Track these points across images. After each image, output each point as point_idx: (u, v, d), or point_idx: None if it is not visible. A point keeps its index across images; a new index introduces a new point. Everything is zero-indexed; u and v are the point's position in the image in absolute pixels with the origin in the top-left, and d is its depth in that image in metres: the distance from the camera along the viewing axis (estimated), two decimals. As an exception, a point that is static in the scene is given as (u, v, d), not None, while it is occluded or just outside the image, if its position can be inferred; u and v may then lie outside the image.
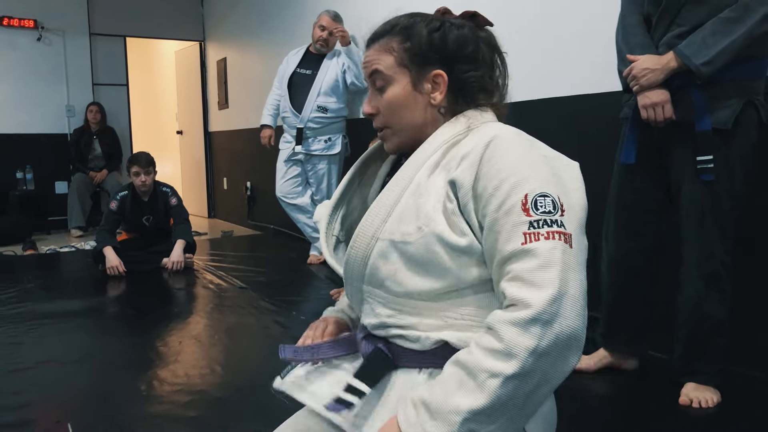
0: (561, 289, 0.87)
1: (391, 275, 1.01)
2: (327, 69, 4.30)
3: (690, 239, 2.03)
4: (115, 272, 4.16)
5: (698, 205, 1.98)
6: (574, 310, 0.88)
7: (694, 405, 2.02)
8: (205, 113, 7.62)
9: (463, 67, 1.07)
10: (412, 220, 1.00)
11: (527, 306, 0.87)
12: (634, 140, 2.08)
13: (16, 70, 6.55)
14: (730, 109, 1.90)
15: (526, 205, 0.92)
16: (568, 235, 0.91)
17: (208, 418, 2.03)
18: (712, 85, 1.90)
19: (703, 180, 1.94)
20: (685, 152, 1.98)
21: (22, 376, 2.42)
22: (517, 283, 0.89)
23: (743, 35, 1.81)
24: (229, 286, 3.88)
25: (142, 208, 4.45)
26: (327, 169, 4.39)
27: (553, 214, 0.92)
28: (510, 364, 0.86)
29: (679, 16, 1.94)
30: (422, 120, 1.09)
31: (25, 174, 6.50)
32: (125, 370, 2.50)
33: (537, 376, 0.87)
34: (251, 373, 2.49)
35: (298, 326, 3.09)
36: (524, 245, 0.90)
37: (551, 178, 0.95)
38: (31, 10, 6.55)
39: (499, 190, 0.94)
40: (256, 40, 6.29)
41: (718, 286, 2.00)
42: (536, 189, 0.93)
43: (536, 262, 0.89)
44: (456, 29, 1.08)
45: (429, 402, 0.91)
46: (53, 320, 3.17)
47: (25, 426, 2.00)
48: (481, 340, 0.90)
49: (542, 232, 0.90)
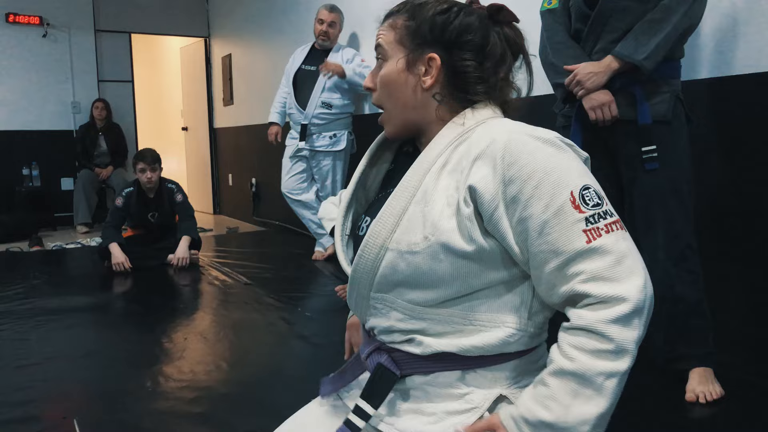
0: (645, 275, 0.89)
1: (400, 283, 1.00)
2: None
3: (653, 224, 2.10)
4: (120, 268, 4.17)
5: (658, 193, 2.08)
6: (649, 287, 0.89)
7: (700, 400, 2.02)
8: (210, 109, 7.63)
9: (461, 55, 1.03)
10: (418, 229, 0.97)
11: (623, 300, 0.87)
12: (579, 142, 2.16)
13: (22, 67, 6.57)
14: (666, 103, 2.06)
15: (575, 202, 0.90)
16: (620, 221, 0.91)
17: (213, 414, 2.04)
18: (648, 83, 2.05)
19: (648, 168, 2.06)
20: (632, 145, 2.09)
21: (28, 372, 2.43)
22: (599, 282, 0.88)
23: (671, 32, 1.97)
24: (235, 283, 3.89)
25: (147, 205, 4.46)
26: (332, 166, 4.39)
27: (601, 205, 0.91)
28: (624, 360, 0.88)
29: (608, 25, 2.09)
30: (412, 103, 1.05)
31: (31, 170, 6.52)
32: (131, 366, 2.50)
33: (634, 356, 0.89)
34: (256, 369, 2.50)
35: (303, 323, 3.09)
36: (589, 244, 0.88)
37: (581, 168, 0.94)
38: (36, 7, 6.57)
39: (540, 191, 0.90)
40: (261, 37, 6.29)
41: (687, 267, 2.08)
42: (578, 183, 0.91)
43: (610, 259, 0.88)
44: (464, 16, 1.03)
45: (551, 422, 0.89)
46: (59, 316, 3.18)
47: (32, 421, 2.01)
48: (583, 344, 0.88)
49: (601, 227, 0.89)
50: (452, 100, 1.04)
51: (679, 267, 2.08)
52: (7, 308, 3.32)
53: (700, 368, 2.08)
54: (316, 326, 3.02)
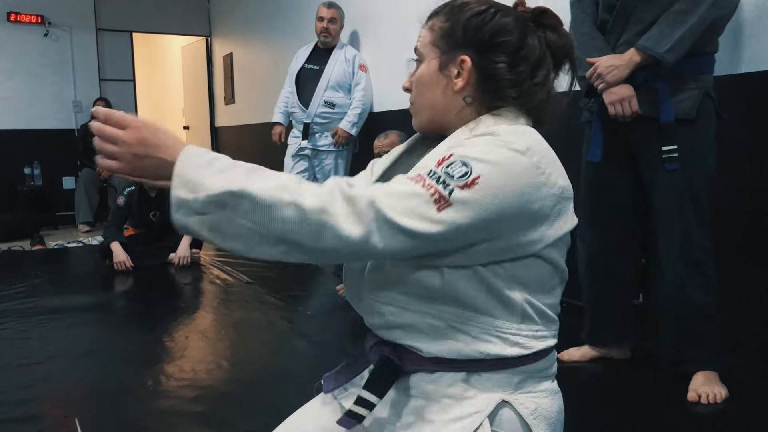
0: (390, 218, 0.85)
1: (388, 274, 1.00)
2: (335, 64, 4.30)
3: (668, 226, 2.07)
4: (122, 267, 4.17)
5: (676, 192, 2.03)
6: (387, 237, 0.86)
7: (702, 401, 2.01)
8: (211, 108, 7.63)
9: (494, 57, 1.00)
10: None
11: (353, 189, 0.86)
12: (599, 139, 2.14)
13: (23, 66, 6.57)
14: (692, 100, 1.99)
15: (441, 162, 0.90)
16: (444, 200, 0.87)
17: (214, 413, 2.04)
18: (674, 79, 1.98)
19: (668, 169, 2.01)
20: (652, 144, 2.04)
21: (30, 371, 2.43)
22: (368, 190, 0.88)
23: (697, 23, 1.91)
24: (236, 282, 3.89)
25: (149, 204, 4.46)
26: (334, 165, 4.38)
27: (452, 178, 0.88)
28: (311, 200, 0.84)
29: (633, 17, 2.04)
30: (442, 105, 1.04)
31: (33, 169, 6.53)
32: (132, 365, 2.50)
33: (307, 231, 0.84)
34: (258, 368, 2.50)
35: (304, 321, 3.09)
36: (407, 180, 0.90)
37: (494, 164, 0.89)
38: (37, 6, 6.57)
39: (439, 150, 0.96)
40: (263, 35, 6.29)
41: (699, 270, 2.04)
42: (464, 156, 0.90)
43: (394, 190, 0.88)
44: (500, 17, 1.01)
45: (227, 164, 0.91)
46: (61, 315, 3.18)
47: (33, 420, 2.01)
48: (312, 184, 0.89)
49: (427, 182, 0.88)
50: (481, 103, 1.03)
51: (691, 270, 2.04)
52: (8, 307, 3.32)
53: (704, 371, 2.06)
54: (317, 325, 3.02)
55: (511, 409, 0.98)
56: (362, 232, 0.85)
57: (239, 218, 0.84)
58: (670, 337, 2.13)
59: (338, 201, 0.85)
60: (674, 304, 2.09)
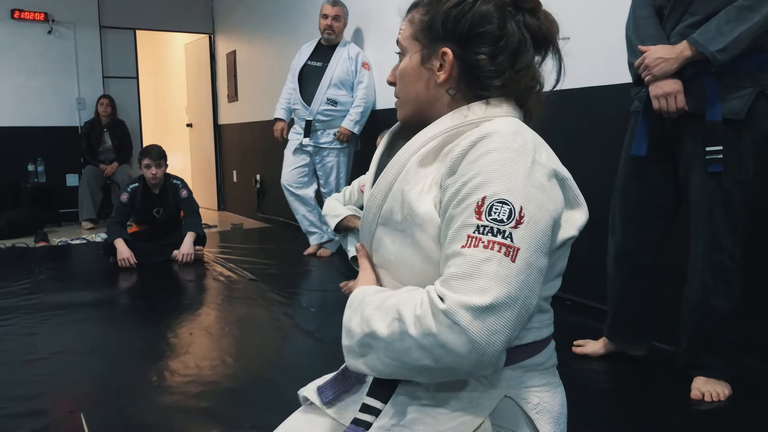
0: (486, 302, 0.82)
1: (388, 260, 1.02)
2: (338, 61, 4.30)
3: (698, 231, 2.02)
4: (126, 264, 4.19)
5: (708, 197, 1.96)
6: (495, 326, 0.83)
7: (706, 399, 2.01)
8: (214, 106, 7.63)
9: (474, 49, 0.99)
10: (399, 208, 0.99)
11: (443, 300, 0.85)
12: (645, 132, 2.05)
13: (27, 63, 6.59)
14: (743, 100, 1.87)
15: (480, 208, 0.87)
16: (513, 249, 0.85)
17: (218, 409, 2.05)
18: (726, 75, 1.88)
19: (711, 171, 1.92)
20: (696, 143, 1.96)
21: (35, 367, 2.44)
22: (444, 286, 0.86)
23: (759, 22, 1.79)
24: (239, 278, 3.90)
25: (152, 201, 4.47)
26: (336, 162, 4.39)
27: (504, 223, 0.86)
28: (413, 328, 0.86)
29: (692, 6, 1.93)
30: (426, 97, 1.04)
31: (37, 166, 6.54)
32: (137, 361, 2.52)
33: (432, 357, 0.85)
34: (261, 365, 2.51)
35: (307, 318, 3.10)
36: (462, 248, 0.86)
37: (523, 187, 0.88)
38: (41, 4, 6.58)
39: (465, 187, 0.90)
40: (266, 33, 6.29)
41: (725, 278, 1.99)
42: (498, 194, 0.87)
43: (464, 270, 0.85)
44: (479, 5, 0.99)
45: (366, 302, 0.96)
46: (65, 311, 3.20)
47: (39, 415, 2.02)
48: (418, 292, 0.90)
49: (483, 240, 0.85)
50: (465, 95, 1.02)
51: (717, 278, 1.99)
52: (13, 304, 3.34)
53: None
54: (321, 322, 3.03)
55: (514, 405, 0.99)
56: (467, 338, 0.83)
57: (384, 357, 0.92)
58: (688, 343, 2.10)
59: (433, 321, 0.85)
60: (696, 312, 2.05)
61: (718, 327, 2.03)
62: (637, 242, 2.20)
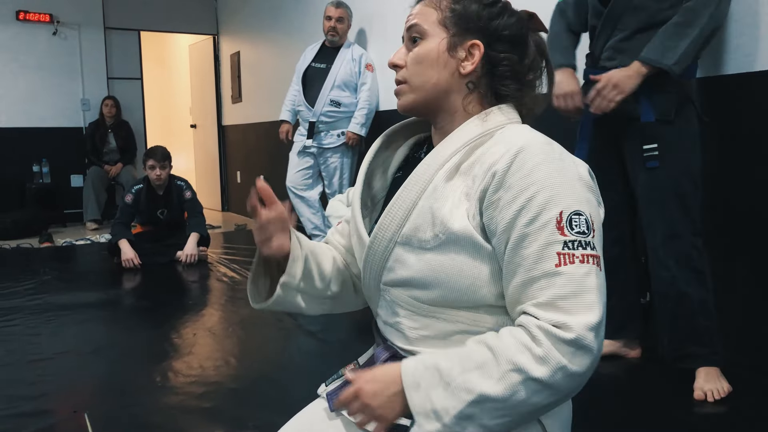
0: (600, 316, 0.86)
1: (408, 279, 0.99)
2: (341, 63, 4.31)
3: (653, 224, 2.12)
4: (130, 265, 4.20)
5: (658, 191, 2.09)
6: (602, 336, 0.87)
7: (708, 399, 2.02)
8: (218, 107, 7.65)
9: (502, 48, 1.02)
10: (428, 226, 0.96)
11: (568, 329, 0.84)
12: (584, 139, 2.22)
13: (33, 65, 6.61)
14: (670, 102, 2.06)
15: (560, 223, 0.88)
16: (598, 258, 0.89)
17: (222, 409, 2.06)
18: (653, 81, 2.04)
19: (649, 167, 2.08)
20: (635, 143, 2.11)
21: (39, 367, 2.46)
22: (553, 310, 0.86)
23: (698, 35, 1.97)
24: (243, 279, 3.91)
25: (156, 202, 4.48)
26: (339, 164, 4.39)
27: (587, 235, 0.88)
28: (539, 368, 0.84)
29: (621, 23, 2.11)
30: (445, 85, 1.03)
31: (42, 167, 6.57)
32: (141, 362, 2.53)
33: (556, 392, 0.85)
34: (265, 365, 2.52)
35: (309, 319, 3.10)
36: (558, 267, 0.86)
37: (584, 195, 0.92)
38: (47, 5, 6.61)
39: (531, 203, 0.88)
40: (270, 34, 6.31)
41: (691, 266, 2.07)
42: (571, 206, 0.89)
43: (570, 288, 0.86)
44: (509, 13, 1.04)
45: (443, 370, 0.88)
46: (70, 312, 3.21)
47: (43, 415, 2.03)
48: (516, 334, 0.87)
49: (577, 255, 0.87)
50: (483, 92, 1.03)
51: (683, 266, 2.07)
52: (18, 304, 3.35)
53: (706, 367, 2.08)
54: (323, 322, 3.04)
55: None
56: (592, 357, 0.86)
57: (492, 419, 0.86)
58: (669, 334, 2.16)
59: (560, 354, 0.85)
60: (668, 301, 2.12)
61: (694, 314, 2.08)
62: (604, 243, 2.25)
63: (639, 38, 2.07)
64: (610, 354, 2.39)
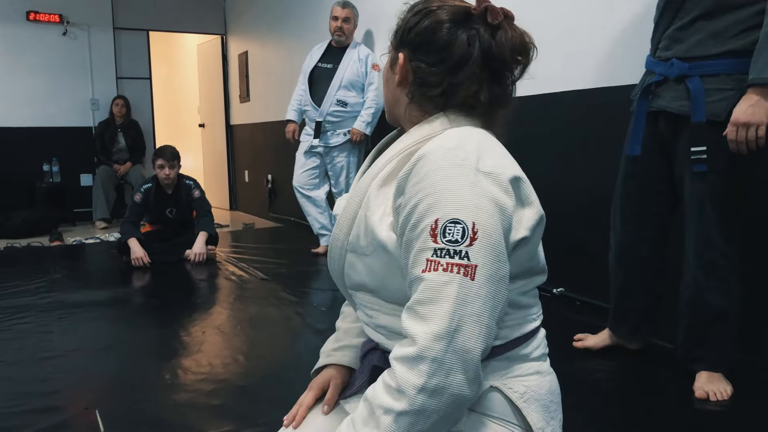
0: (450, 325, 0.85)
1: (362, 283, 1.04)
2: (348, 63, 4.32)
3: (690, 229, 2.08)
4: (139, 263, 4.23)
5: (697, 196, 2.02)
6: (467, 344, 0.85)
7: (711, 398, 2.02)
8: (226, 106, 7.68)
9: (419, 57, 1.04)
10: (363, 234, 1.01)
11: (413, 342, 0.86)
12: (639, 133, 2.12)
13: (42, 65, 6.66)
14: (726, 102, 1.91)
15: (435, 231, 0.88)
16: (471, 267, 0.87)
17: (231, 407, 2.08)
18: (711, 78, 1.93)
19: (696, 171, 1.98)
20: (685, 144, 2.02)
21: (51, 364, 2.49)
22: (409, 313, 0.89)
23: None
24: (251, 278, 3.93)
25: (165, 201, 4.51)
26: (346, 163, 4.41)
27: (459, 243, 0.87)
28: (400, 401, 0.86)
29: (682, 11, 2.00)
30: (392, 98, 1.11)
31: (51, 166, 6.61)
32: (150, 359, 2.56)
33: (432, 413, 0.86)
34: (273, 363, 2.54)
35: (318, 317, 3.13)
36: (423, 273, 0.88)
37: (474, 202, 0.89)
38: (56, 5, 6.66)
39: (416, 210, 0.91)
40: (278, 34, 6.33)
41: (717, 275, 2.03)
42: (449, 214, 0.88)
43: (427, 295, 0.87)
44: (432, 17, 1.03)
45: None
46: (80, 310, 3.24)
47: (54, 411, 2.06)
48: (384, 375, 0.91)
49: (442, 263, 0.87)
50: (420, 101, 1.06)
51: (709, 274, 2.03)
52: (29, 302, 3.39)
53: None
54: (331, 320, 3.02)
55: (501, 394, 1.00)
56: (443, 371, 0.85)
57: None
58: (684, 338, 2.14)
59: (413, 375, 0.86)
60: (689, 306, 2.10)
61: (711, 322, 2.06)
62: (637, 238, 2.27)
63: (697, 26, 1.95)
64: (612, 345, 2.42)
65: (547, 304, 3.47)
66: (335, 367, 1.21)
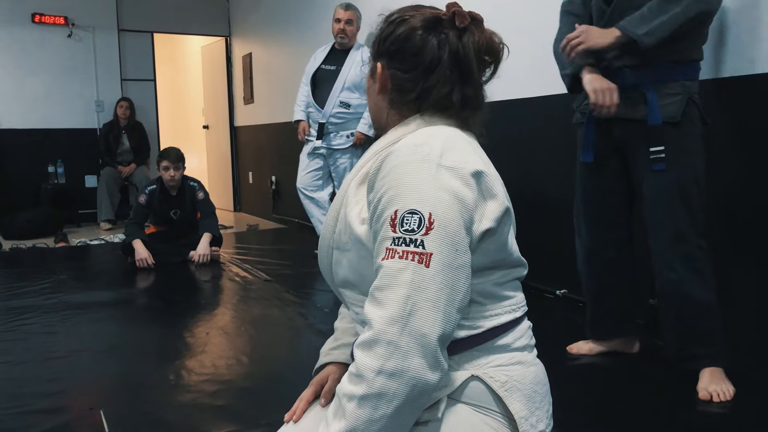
0: (403, 309, 0.88)
1: (347, 278, 1.07)
2: (351, 64, 4.33)
3: (658, 226, 2.12)
4: (144, 264, 4.25)
5: (664, 193, 2.09)
6: (423, 328, 0.88)
7: (714, 400, 2.03)
8: (230, 108, 7.70)
9: (395, 64, 1.09)
10: (344, 231, 1.05)
11: (370, 326, 0.90)
12: (591, 140, 2.23)
13: (47, 66, 6.69)
14: (677, 105, 2.06)
15: (394, 221, 0.93)
16: (426, 255, 0.91)
17: (234, 407, 2.09)
18: (661, 84, 2.07)
19: (655, 169, 2.08)
20: (641, 146, 2.12)
21: (56, 364, 2.50)
22: (369, 299, 0.93)
23: (679, 13, 1.95)
24: (255, 279, 3.95)
25: (170, 202, 4.53)
26: (349, 164, 4.41)
27: (415, 232, 0.92)
28: (359, 386, 0.89)
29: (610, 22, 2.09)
30: (375, 107, 1.15)
31: (56, 168, 6.64)
32: (154, 360, 2.57)
33: (393, 397, 0.88)
34: (276, 364, 2.55)
35: (320, 318, 3.14)
36: (383, 261, 0.93)
37: (433, 194, 0.93)
38: (61, 8, 6.69)
39: (381, 202, 0.96)
40: (281, 36, 6.35)
41: (695, 267, 2.08)
42: (407, 205, 0.93)
43: (385, 281, 0.91)
44: (404, 25, 1.08)
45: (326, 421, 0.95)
46: (85, 310, 3.26)
47: (59, 412, 2.07)
48: (350, 366, 0.94)
49: (398, 251, 0.91)
50: (398, 106, 1.10)
51: (687, 268, 2.08)
52: (35, 302, 3.40)
53: (710, 368, 2.09)
54: (333, 321, 3.05)
55: (482, 383, 1.02)
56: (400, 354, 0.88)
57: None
58: (673, 335, 2.17)
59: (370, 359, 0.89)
60: (673, 302, 2.13)
61: (698, 316, 2.09)
62: (602, 241, 2.34)
63: None
64: (609, 352, 2.42)
65: (549, 305, 3.49)
66: (334, 365, 1.24)
